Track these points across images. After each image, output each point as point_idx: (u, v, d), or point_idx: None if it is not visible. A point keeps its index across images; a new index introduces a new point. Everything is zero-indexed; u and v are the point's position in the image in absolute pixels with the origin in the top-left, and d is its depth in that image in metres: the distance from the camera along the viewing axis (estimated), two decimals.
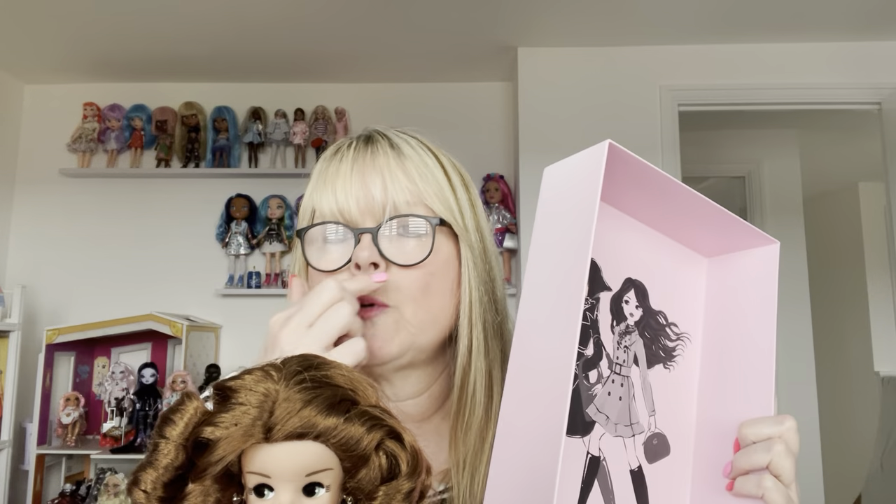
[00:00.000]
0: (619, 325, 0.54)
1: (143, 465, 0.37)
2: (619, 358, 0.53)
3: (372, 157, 0.62)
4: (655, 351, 0.56)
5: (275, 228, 2.95)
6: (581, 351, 0.52)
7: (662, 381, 0.56)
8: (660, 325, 0.56)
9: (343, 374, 0.40)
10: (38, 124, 3.11)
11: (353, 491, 0.38)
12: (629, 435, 0.53)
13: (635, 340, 0.55)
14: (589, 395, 0.51)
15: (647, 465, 0.53)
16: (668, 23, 2.59)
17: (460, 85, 3.12)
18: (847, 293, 4.57)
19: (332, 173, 0.62)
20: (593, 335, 0.52)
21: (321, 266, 0.61)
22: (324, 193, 0.62)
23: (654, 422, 0.54)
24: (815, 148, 3.83)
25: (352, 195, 0.60)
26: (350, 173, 0.61)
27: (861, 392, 4.38)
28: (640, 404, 0.54)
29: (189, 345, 2.60)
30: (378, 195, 0.60)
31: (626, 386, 0.53)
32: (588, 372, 0.52)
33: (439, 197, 0.62)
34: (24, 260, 3.01)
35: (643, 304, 0.56)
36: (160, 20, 2.55)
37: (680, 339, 0.57)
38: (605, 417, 0.52)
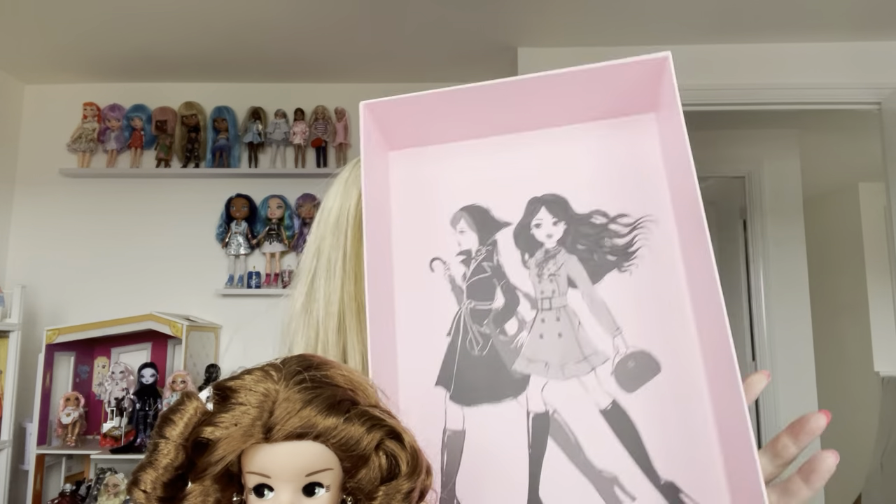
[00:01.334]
0: (532, 256, 0.48)
1: (143, 465, 0.37)
2: (544, 292, 0.48)
3: None
4: (600, 259, 0.48)
5: (275, 228, 2.95)
6: (488, 306, 0.48)
7: (623, 288, 0.47)
8: (597, 228, 0.48)
9: (343, 374, 0.40)
10: (38, 124, 3.11)
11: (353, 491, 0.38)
12: (587, 371, 0.46)
13: (563, 261, 0.48)
14: (512, 348, 0.47)
15: (628, 396, 0.45)
16: (668, 23, 2.59)
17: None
18: (847, 293, 4.57)
19: None
20: (499, 283, 0.48)
21: None
22: None
23: (622, 342, 0.46)
24: (815, 148, 3.83)
25: None
26: None
27: (861, 392, 4.38)
28: (593, 329, 0.46)
29: (189, 345, 2.60)
30: None
31: (565, 318, 0.47)
32: (503, 325, 0.47)
33: None
34: (24, 260, 3.01)
35: (564, 215, 0.49)
36: (160, 20, 2.55)
37: (637, 228, 0.48)
38: (544, 364, 0.46)
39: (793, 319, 3.52)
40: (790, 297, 3.54)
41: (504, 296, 0.48)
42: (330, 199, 0.69)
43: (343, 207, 0.66)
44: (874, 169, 3.90)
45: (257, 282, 2.93)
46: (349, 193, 0.66)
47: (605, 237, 0.48)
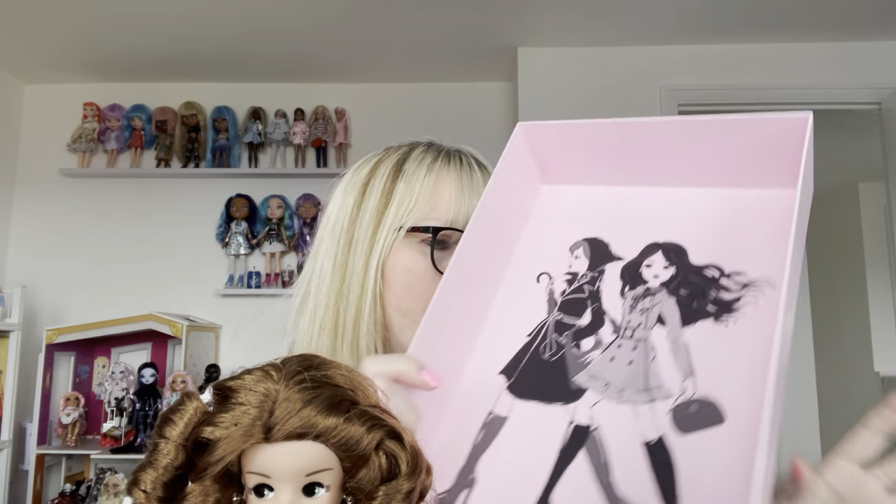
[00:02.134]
0: (633, 289, 0.52)
1: (143, 465, 0.37)
2: (630, 322, 0.51)
3: None
4: (698, 307, 0.49)
5: (275, 228, 2.96)
6: (573, 322, 0.52)
7: (712, 336, 0.48)
8: (707, 280, 0.50)
9: (343, 374, 0.40)
10: (38, 124, 3.11)
11: (353, 491, 0.38)
12: (644, 401, 0.47)
13: (660, 301, 0.51)
14: (579, 362, 0.50)
15: (678, 436, 0.45)
16: (668, 23, 2.59)
17: (460, 85, 3.12)
18: (847, 293, 4.57)
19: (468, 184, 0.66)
20: (591, 305, 0.52)
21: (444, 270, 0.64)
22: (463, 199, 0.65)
23: (692, 384, 0.46)
24: (816, 148, 3.79)
25: None
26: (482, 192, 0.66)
27: (861, 392, 4.38)
28: (666, 366, 0.48)
29: (189, 345, 2.61)
30: None
31: (642, 349, 0.49)
32: (580, 340, 0.51)
33: None
34: (24, 260, 3.01)
35: (677, 262, 0.52)
36: (160, 20, 2.55)
37: (750, 287, 0.49)
38: (604, 384, 0.48)
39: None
40: None
41: (591, 316, 0.51)
42: (330, 203, 0.70)
43: (340, 214, 0.67)
44: (874, 169, 3.90)
45: (257, 282, 2.93)
46: (346, 200, 0.67)
47: (713, 289, 0.49)
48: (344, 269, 0.64)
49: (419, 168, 0.66)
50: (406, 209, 0.64)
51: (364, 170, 0.69)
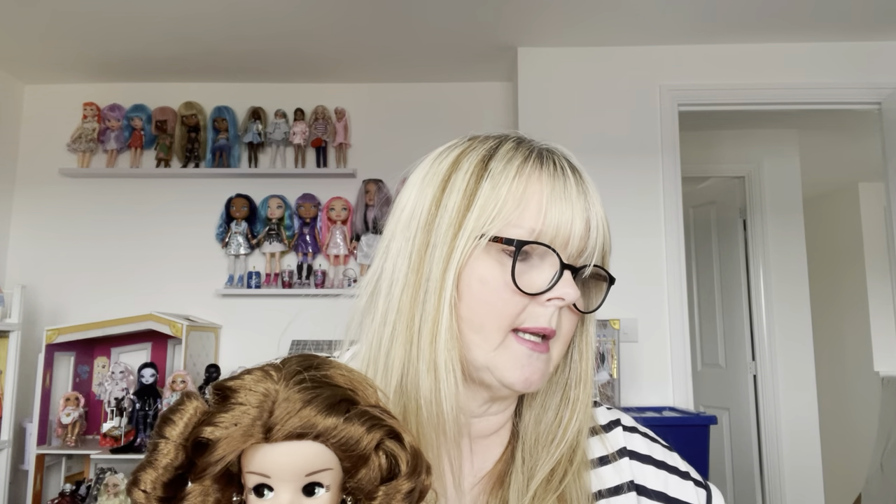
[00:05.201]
0: None
1: (143, 465, 0.37)
2: None
3: (587, 191, 0.60)
4: None
5: (275, 228, 2.95)
6: None
7: None
8: None
9: (343, 374, 0.40)
10: (38, 124, 3.11)
11: (353, 491, 0.38)
12: None
13: None
14: None
15: None
16: (668, 23, 2.59)
17: (460, 85, 3.12)
18: (847, 293, 4.57)
19: (560, 191, 0.58)
20: None
21: (525, 286, 0.57)
22: (553, 208, 0.58)
23: None
24: (815, 148, 3.84)
25: (577, 227, 0.58)
26: (579, 203, 0.59)
27: (861, 392, 4.38)
28: None
29: (189, 345, 2.60)
30: (593, 237, 0.59)
31: None
32: None
33: (611, 252, 0.64)
34: (24, 260, 3.01)
35: None
36: (160, 20, 2.55)
37: None
38: None
39: (793, 319, 3.52)
40: (790, 297, 3.54)
41: None
42: (404, 193, 0.63)
43: (416, 209, 0.60)
44: (874, 169, 3.90)
45: (257, 282, 2.93)
46: (423, 194, 0.60)
47: None
48: (419, 273, 0.58)
49: (507, 168, 0.59)
50: (490, 215, 0.57)
51: (446, 161, 0.61)
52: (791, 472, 3.39)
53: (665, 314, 2.62)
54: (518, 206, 0.57)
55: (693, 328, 3.75)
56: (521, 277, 0.56)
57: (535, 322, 0.57)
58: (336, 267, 2.96)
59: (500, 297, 0.57)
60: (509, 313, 0.57)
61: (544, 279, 0.57)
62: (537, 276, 0.57)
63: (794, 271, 3.56)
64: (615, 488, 0.63)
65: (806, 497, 3.37)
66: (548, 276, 0.57)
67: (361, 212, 2.93)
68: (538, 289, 0.57)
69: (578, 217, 0.58)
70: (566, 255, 0.58)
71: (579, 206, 0.58)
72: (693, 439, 2.26)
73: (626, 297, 2.62)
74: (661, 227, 2.66)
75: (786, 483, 3.38)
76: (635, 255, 2.65)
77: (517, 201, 0.57)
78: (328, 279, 2.94)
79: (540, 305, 0.57)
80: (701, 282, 3.91)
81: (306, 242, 2.96)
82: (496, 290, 0.57)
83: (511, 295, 0.56)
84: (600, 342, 2.52)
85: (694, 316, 3.83)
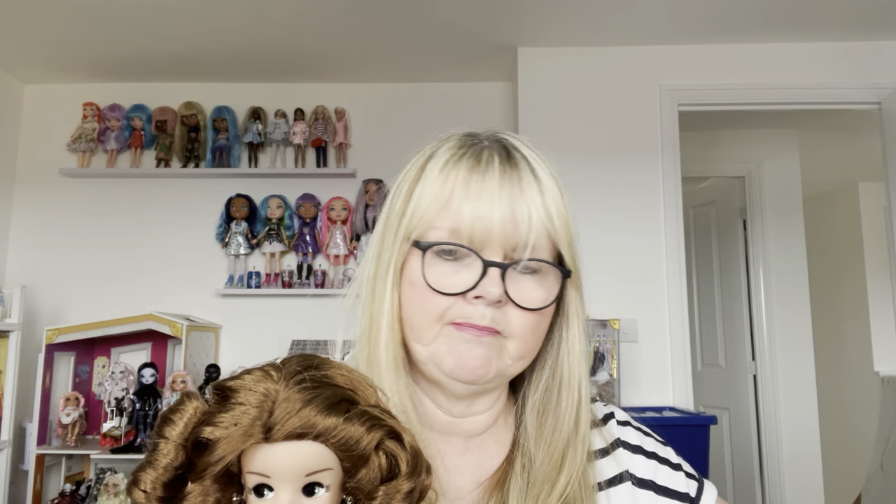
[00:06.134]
0: None
1: (143, 465, 0.37)
2: None
3: (520, 183, 0.58)
4: None
5: (275, 228, 2.95)
6: None
7: None
8: None
9: (343, 374, 0.40)
10: (38, 124, 3.11)
11: (353, 491, 0.38)
12: None
13: None
14: None
15: None
16: (668, 23, 2.59)
17: (460, 85, 3.12)
18: (847, 293, 4.57)
19: (477, 187, 0.57)
20: None
21: (441, 287, 0.57)
22: (466, 206, 0.57)
23: None
24: (815, 148, 3.84)
25: (497, 222, 0.56)
26: (499, 196, 0.57)
27: (861, 392, 4.38)
28: None
29: (189, 345, 2.60)
30: (523, 231, 0.57)
31: None
32: None
33: (569, 243, 0.60)
34: (24, 260, 3.01)
35: None
36: (160, 20, 2.55)
37: None
38: None
39: (793, 319, 3.52)
40: (790, 297, 3.54)
41: None
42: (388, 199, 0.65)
43: (381, 217, 0.63)
44: (874, 169, 3.90)
45: (257, 282, 2.93)
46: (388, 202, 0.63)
47: None
48: (374, 277, 0.61)
49: (435, 166, 0.59)
50: (418, 218, 0.59)
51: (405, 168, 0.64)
52: (791, 471, 3.39)
53: (665, 314, 2.62)
54: (441, 206, 0.58)
55: (693, 328, 3.75)
56: (450, 277, 0.57)
57: (466, 317, 0.57)
58: (336, 267, 2.96)
59: (426, 298, 0.58)
60: (434, 311, 0.58)
61: (471, 277, 0.56)
62: (467, 274, 0.57)
63: (794, 271, 3.56)
64: (613, 479, 0.64)
65: (806, 497, 3.37)
66: (475, 275, 0.56)
67: (361, 212, 2.93)
68: (460, 288, 0.57)
69: (498, 211, 0.56)
70: (495, 251, 0.57)
71: (501, 201, 0.57)
72: (693, 439, 2.26)
73: (626, 297, 2.62)
74: (661, 227, 2.66)
75: (786, 483, 3.38)
76: (635, 256, 2.65)
77: (440, 202, 0.58)
78: (328, 279, 2.94)
79: (468, 304, 0.57)
80: (701, 282, 3.91)
81: (306, 242, 2.96)
82: (421, 291, 0.58)
83: (434, 295, 0.57)
84: (600, 342, 2.52)
85: (694, 316, 3.83)
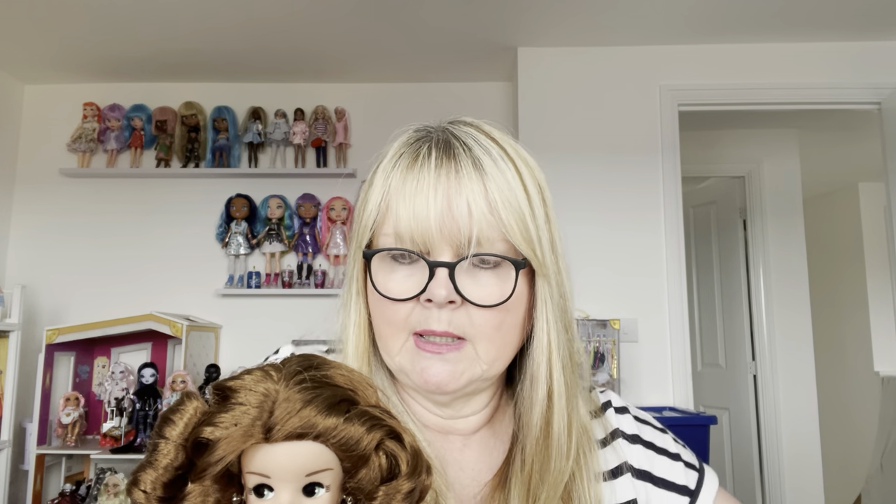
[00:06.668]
0: None
1: (143, 466, 0.37)
2: None
3: (457, 176, 0.55)
4: None
5: (275, 228, 2.95)
6: None
7: None
8: None
9: (343, 374, 0.40)
10: (38, 124, 3.11)
11: (353, 491, 0.38)
12: None
13: None
14: None
15: None
16: (668, 23, 2.59)
17: (460, 85, 3.12)
18: (847, 293, 4.57)
19: (412, 186, 0.55)
20: None
21: (391, 293, 0.56)
22: (401, 207, 0.55)
23: None
24: (815, 148, 3.84)
25: (434, 220, 0.54)
26: (434, 192, 0.54)
27: (861, 392, 4.38)
28: None
29: (189, 345, 2.60)
30: (463, 225, 0.54)
31: None
32: None
33: (522, 231, 0.55)
34: (24, 260, 3.01)
35: None
36: (160, 20, 2.55)
37: None
38: None
39: (793, 319, 3.52)
40: (790, 297, 3.54)
41: None
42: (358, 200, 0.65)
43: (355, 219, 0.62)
44: (874, 169, 3.90)
45: (257, 282, 2.93)
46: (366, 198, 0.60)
47: None
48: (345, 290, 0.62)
49: (379, 172, 0.58)
50: (366, 225, 0.58)
51: None
52: (791, 471, 3.39)
53: (665, 314, 2.62)
54: (384, 210, 0.57)
55: (693, 328, 3.76)
56: (402, 282, 0.56)
57: (425, 325, 0.55)
58: (336, 267, 2.96)
59: (384, 306, 0.57)
60: (397, 320, 0.56)
61: (421, 280, 0.55)
62: (419, 278, 0.55)
63: (794, 271, 3.56)
64: (615, 470, 0.63)
65: (806, 497, 3.37)
66: (424, 277, 0.54)
67: None
68: (410, 293, 0.55)
69: (434, 209, 0.54)
70: (443, 250, 0.54)
71: (437, 197, 0.54)
72: (693, 439, 2.26)
73: (626, 297, 2.62)
74: (661, 227, 2.66)
75: (786, 483, 3.38)
76: (635, 255, 2.65)
77: (383, 206, 0.57)
78: (328, 279, 2.94)
79: (424, 308, 0.55)
80: (701, 282, 3.91)
81: (306, 242, 2.96)
82: (378, 299, 0.57)
83: (389, 302, 0.56)
84: (600, 342, 2.52)
85: (694, 316, 3.83)
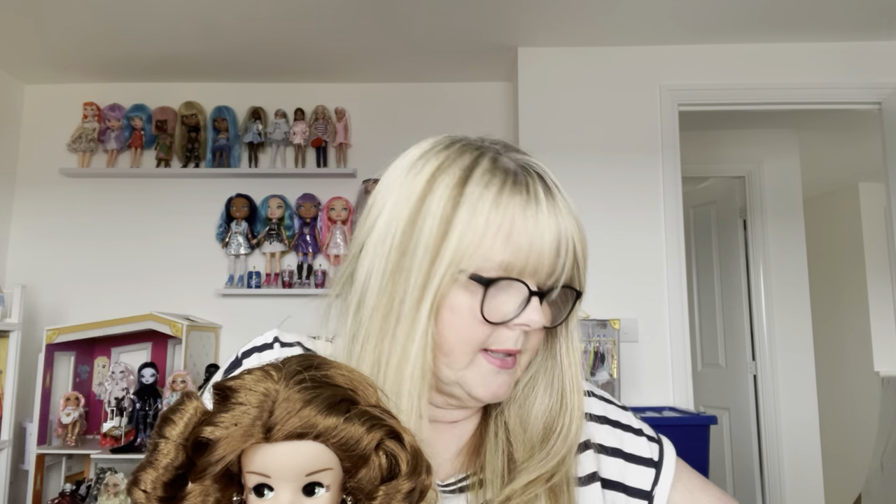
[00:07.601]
0: None
1: (143, 465, 0.37)
2: None
3: (557, 214, 0.58)
4: None
5: (275, 228, 2.95)
6: None
7: None
8: None
9: (343, 374, 0.40)
10: (38, 124, 3.11)
11: (353, 491, 0.38)
12: None
13: None
14: None
15: None
16: (668, 23, 2.59)
17: (460, 85, 3.12)
18: (847, 293, 4.57)
19: (532, 220, 0.57)
20: None
21: (492, 317, 0.57)
22: (522, 239, 0.56)
23: None
24: (815, 148, 3.84)
25: (547, 255, 0.57)
26: (548, 228, 0.57)
27: (861, 392, 4.38)
28: None
29: (189, 345, 2.60)
30: (562, 258, 0.58)
31: None
32: None
33: (585, 267, 0.62)
34: (24, 260, 3.01)
35: None
36: (160, 20, 2.55)
37: None
38: None
39: (793, 319, 3.52)
40: (790, 297, 3.54)
41: None
42: (380, 197, 0.62)
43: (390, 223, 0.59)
44: (874, 169, 3.90)
45: (257, 282, 2.93)
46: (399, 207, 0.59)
47: None
48: (392, 296, 0.57)
49: (484, 195, 0.57)
50: (467, 248, 0.56)
51: (421, 175, 0.59)
52: (791, 472, 3.39)
53: (665, 314, 2.62)
54: (494, 238, 0.56)
55: (693, 328, 3.75)
56: (489, 304, 0.57)
57: (502, 344, 0.58)
58: (336, 267, 2.96)
59: (469, 326, 0.58)
60: (477, 339, 0.58)
61: (512, 305, 0.58)
62: (505, 301, 0.58)
63: (794, 271, 3.56)
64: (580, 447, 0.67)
65: (806, 497, 3.37)
66: (516, 302, 0.58)
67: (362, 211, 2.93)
68: (505, 317, 0.58)
69: (548, 243, 0.57)
70: (535, 280, 0.58)
71: (549, 231, 0.57)
72: (693, 439, 2.26)
73: (626, 297, 2.62)
74: (661, 226, 2.66)
75: (786, 483, 3.38)
76: (635, 255, 2.65)
77: (494, 234, 0.56)
78: (328, 279, 2.94)
79: (507, 329, 0.58)
80: (701, 282, 3.91)
81: (306, 242, 2.96)
82: (465, 319, 0.57)
83: (479, 324, 0.58)
84: (600, 342, 2.52)
85: (694, 316, 3.83)
